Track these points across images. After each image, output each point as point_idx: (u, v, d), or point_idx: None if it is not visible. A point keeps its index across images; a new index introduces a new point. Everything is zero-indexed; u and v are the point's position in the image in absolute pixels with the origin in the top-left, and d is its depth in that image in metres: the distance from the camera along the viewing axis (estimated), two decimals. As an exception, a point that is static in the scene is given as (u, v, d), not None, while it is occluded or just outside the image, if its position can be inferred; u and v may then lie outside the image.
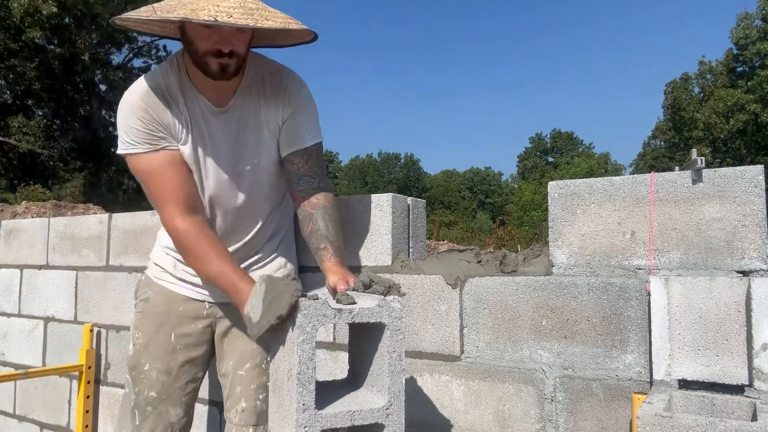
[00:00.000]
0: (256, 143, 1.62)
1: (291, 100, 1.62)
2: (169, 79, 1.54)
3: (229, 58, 1.43)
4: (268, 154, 1.65)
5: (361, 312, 1.17)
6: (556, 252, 1.72)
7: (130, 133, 1.51)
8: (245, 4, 1.34)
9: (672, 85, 31.40)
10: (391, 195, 1.98)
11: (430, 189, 61.75)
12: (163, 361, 1.68)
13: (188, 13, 1.29)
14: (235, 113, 1.58)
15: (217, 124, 1.57)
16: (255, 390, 1.65)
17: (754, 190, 1.47)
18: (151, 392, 1.67)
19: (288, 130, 1.63)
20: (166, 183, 1.53)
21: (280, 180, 1.73)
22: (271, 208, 1.74)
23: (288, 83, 1.63)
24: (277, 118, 1.62)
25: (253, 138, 1.61)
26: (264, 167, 1.65)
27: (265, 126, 1.62)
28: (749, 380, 1.40)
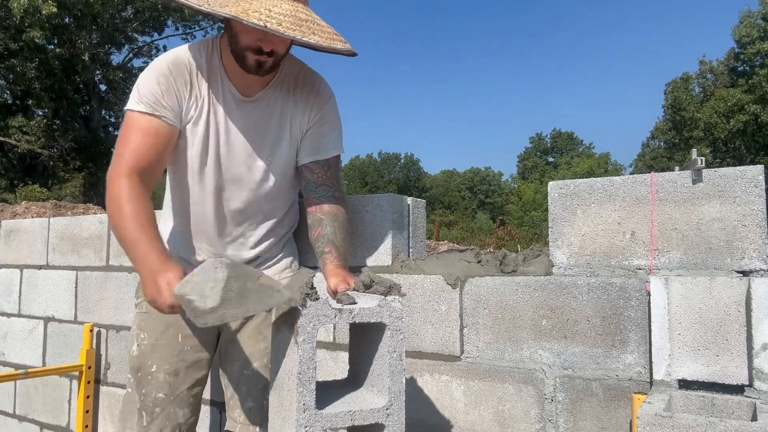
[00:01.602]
0: (274, 141, 1.61)
1: (320, 106, 1.63)
2: (201, 59, 1.54)
3: (268, 57, 1.44)
4: (284, 155, 1.63)
5: (361, 312, 1.17)
6: (556, 252, 1.72)
7: (141, 91, 1.49)
8: (296, 14, 1.34)
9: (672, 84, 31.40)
10: (391, 195, 1.98)
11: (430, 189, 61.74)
12: (171, 363, 1.66)
13: (239, 12, 1.29)
14: (261, 107, 1.58)
15: (239, 114, 1.57)
16: (262, 390, 1.65)
17: (754, 190, 1.48)
18: (159, 393, 1.65)
19: (312, 137, 1.63)
20: (138, 143, 1.46)
21: (292, 184, 1.72)
22: (277, 209, 1.73)
23: (320, 89, 1.64)
24: (302, 121, 1.62)
25: (273, 135, 1.61)
26: (276, 166, 1.64)
27: (289, 127, 1.62)
28: (749, 380, 1.40)
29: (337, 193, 1.65)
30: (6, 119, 16.95)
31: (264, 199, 1.67)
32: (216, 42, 1.57)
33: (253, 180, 1.63)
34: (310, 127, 1.63)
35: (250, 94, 1.57)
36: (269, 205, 1.70)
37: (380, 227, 1.98)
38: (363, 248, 2.02)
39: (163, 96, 1.49)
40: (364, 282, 1.29)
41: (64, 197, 14.24)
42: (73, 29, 16.54)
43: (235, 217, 1.66)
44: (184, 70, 1.51)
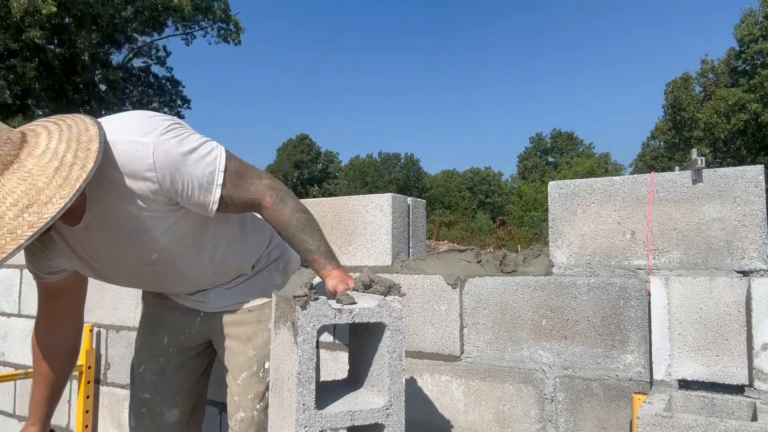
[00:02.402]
0: (146, 240, 1.39)
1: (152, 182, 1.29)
2: None
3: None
4: (172, 235, 1.41)
5: (361, 312, 1.17)
6: (556, 252, 1.72)
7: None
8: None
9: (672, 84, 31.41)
10: (391, 195, 1.98)
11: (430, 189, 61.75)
12: (157, 363, 1.68)
13: None
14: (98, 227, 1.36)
15: (91, 241, 1.39)
16: (252, 399, 1.64)
17: (754, 190, 1.47)
18: (144, 394, 1.67)
19: (184, 203, 1.35)
20: (38, 304, 1.57)
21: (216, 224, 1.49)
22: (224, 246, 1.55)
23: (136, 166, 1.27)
24: (155, 204, 1.33)
25: (139, 237, 1.38)
26: (175, 244, 1.43)
27: (148, 220, 1.35)
28: (749, 380, 1.40)
29: (264, 199, 1.40)
30: (6, 119, 16.95)
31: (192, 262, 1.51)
32: None
33: (162, 265, 1.48)
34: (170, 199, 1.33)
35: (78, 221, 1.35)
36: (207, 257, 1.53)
37: (380, 227, 1.98)
38: (363, 248, 2.02)
39: (35, 264, 1.46)
40: (363, 282, 1.29)
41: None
42: (73, 29, 16.55)
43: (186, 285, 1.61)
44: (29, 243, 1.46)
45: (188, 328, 1.70)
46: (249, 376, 1.65)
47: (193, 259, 1.50)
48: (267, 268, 1.72)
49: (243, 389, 1.64)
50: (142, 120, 1.29)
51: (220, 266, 1.56)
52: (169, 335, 1.70)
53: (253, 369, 1.66)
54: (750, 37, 26.49)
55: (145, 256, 1.43)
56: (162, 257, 1.45)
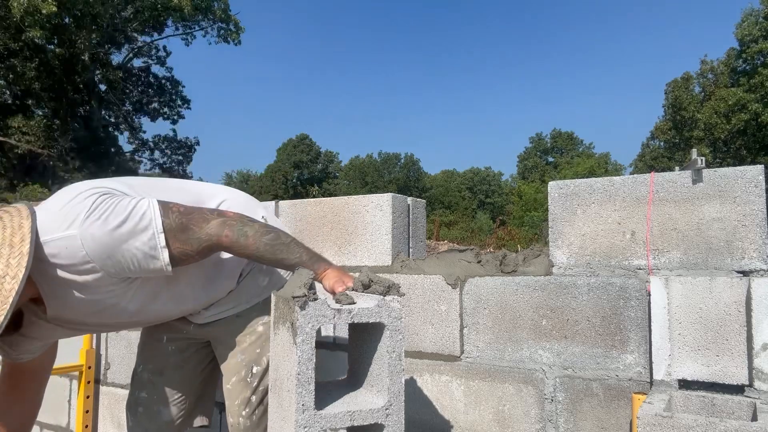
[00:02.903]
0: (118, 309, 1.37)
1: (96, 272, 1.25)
2: None
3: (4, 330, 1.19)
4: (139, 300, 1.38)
5: (360, 312, 1.16)
6: (556, 252, 1.72)
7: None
8: None
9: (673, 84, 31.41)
10: (391, 195, 1.98)
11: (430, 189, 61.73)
12: (155, 363, 1.69)
13: None
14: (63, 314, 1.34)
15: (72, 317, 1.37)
16: (238, 406, 1.63)
17: (754, 190, 1.47)
18: (141, 393, 1.67)
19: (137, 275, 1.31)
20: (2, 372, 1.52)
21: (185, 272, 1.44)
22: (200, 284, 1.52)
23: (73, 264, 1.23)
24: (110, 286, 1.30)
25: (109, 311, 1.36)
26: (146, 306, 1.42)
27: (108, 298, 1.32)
28: (749, 380, 1.40)
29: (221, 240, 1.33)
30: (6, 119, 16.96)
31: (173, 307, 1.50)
32: None
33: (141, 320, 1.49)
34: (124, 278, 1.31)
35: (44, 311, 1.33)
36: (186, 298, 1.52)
37: (380, 227, 1.98)
38: (363, 248, 2.02)
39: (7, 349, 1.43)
40: (362, 282, 1.29)
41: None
42: (73, 29, 16.55)
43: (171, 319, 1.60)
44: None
45: (185, 330, 1.70)
46: (237, 381, 1.65)
47: (176, 305, 1.49)
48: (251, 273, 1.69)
49: (232, 394, 1.64)
50: (63, 209, 1.23)
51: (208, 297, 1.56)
52: (168, 335, 1.70)
53: (241, 374, 1.65)
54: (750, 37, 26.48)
55: (123, 319, 1.43)
56: (142, 316, 1.45)
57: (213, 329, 1.68)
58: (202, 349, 1.75)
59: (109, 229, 1.21)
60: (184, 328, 1.68)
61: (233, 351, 1.66)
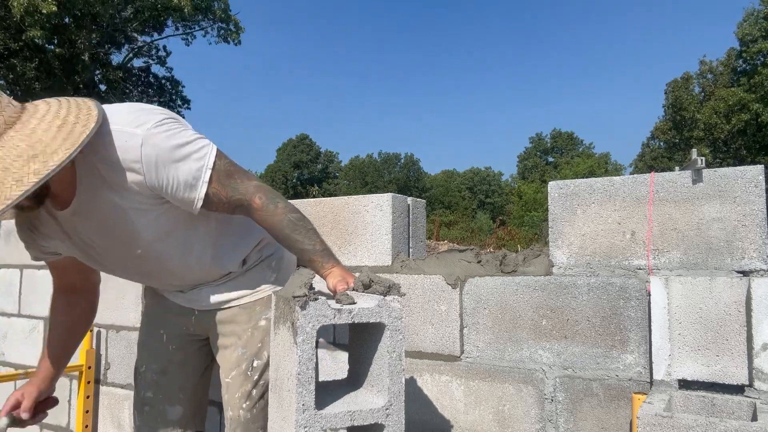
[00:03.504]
0: (131, 231, 1.39)
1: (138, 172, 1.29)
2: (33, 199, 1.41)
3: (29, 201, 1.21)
4: (156, 229, 1.41)
5: (360, 312, 1.16)
6: (556, 252, 1.72)
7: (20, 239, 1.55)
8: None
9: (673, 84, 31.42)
10: (391, 195, 1.98)
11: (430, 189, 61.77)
12: (158, 362, 1.69)
13: None
14: (86, 213, 1.37)
15: (80, 226, 1.40)
16: (239, 398, 1.63)
17: (754, 190, 1.47)
18: (147, 392, 1.67)
19: (169, 197, 1.35)
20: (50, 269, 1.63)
21: (205, 221, 1.49)
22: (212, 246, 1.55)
23: (125, 156, 1.28)
24: (139, 196, 1.33)
25: (123, 227, 1.39)
26: (160, 239, 1.43)
27: (131, 211, 1.36)
28: (749, 380, 1.40)
29: (253, 200, 1.39)
30: (6, 119, 16.92)
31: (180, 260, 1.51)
32: None
33: (150, 260, 1.48)
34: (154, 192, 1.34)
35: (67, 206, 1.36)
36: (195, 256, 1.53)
37: (380, 227, 1.98)
38: (363, 248, 2.02)
39: (32, 246, 1.52)
40: (363, 282, 1.29)
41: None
42: (73, 29, 16.56)
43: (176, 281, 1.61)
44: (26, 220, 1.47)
45: (185, 326, 1.70)
46: (237, 374, 1.65)
47: (181, 258, 1.50)
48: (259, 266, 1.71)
49: (232, 388, 1.65)
50: (135, 111, 1.29)
51: (210, 266, 1.56)
52: (168, 334, 1.71)
53: (242, 367, 1.65)
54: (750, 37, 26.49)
55: (131, 249, 1.43)
56: (148, 254, 1.45)
57: (214, 321, 1.68)
58: (202, 348, 1.75)
59: (170, 146, 1.28)
60: (184, 324, 1.68)
61: (234, 344, 1.66)
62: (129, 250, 1.44)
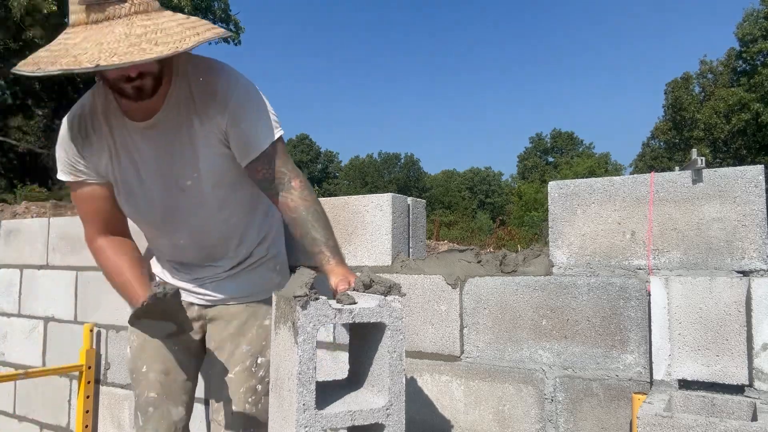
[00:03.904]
0: (192, 158, 1.50)
1: (225, 107, 1.45)
2: (96, 104, 1.50)
3: (141, 80, 1.33)
4: (210, 167, 1.51)
5: (361, 312, 1.17)
6: (556, 252, 1.72)
7: (59, 160, 1.55)
8: (132, 32, 1.21)
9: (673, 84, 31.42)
10: (391, 195, 1.98)
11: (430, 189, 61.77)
12: (160, 362, 1.69)
13: (70, 62, 1.17)
14: (163, 129, 1.47)
15: (147, 143, 1.49)
16: (244, 393, 1.65)
17: (754, 190, 1.47)
18: (151, 393, 1.67)
19: (236, 140, 1.49)
20: (86, 209, 1.60)
21: (241, 189, 1.61)
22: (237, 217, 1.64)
23: (218, 89, 1.45)
24: (214, 128, 1.47)
25: (188, 152, 1.49)
26: (208, 180, 1.53)
27: (202, 138, 1.48)
28: (749, 380, 1.40)
29: (294, 181, 1.52)
30: (6, 119, 16.95)
31: (213, 215, 1.59)
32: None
33: (189, 201, 1.55)
34: (228, 129, 1.48)
35: (149, 118, 1.47)
36: (223, 218, 1.61)
37: (380, 227, 1.98)
38: (363, 248, 2.02)
39: (75, 160, 1.52)
40: (363, 282, 1.29)
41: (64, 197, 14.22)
42: (73, 29, 16.52)
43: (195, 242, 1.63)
44: (81, 125, 1.50)
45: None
46: (242, 370, 1.66)
47: (213, 212, 1.58)
48: (264, 265, 1.74)
49: (235, 383, 1.65)
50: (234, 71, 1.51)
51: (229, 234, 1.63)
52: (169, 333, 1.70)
53: (246, 363, 1.66)
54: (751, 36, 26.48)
55: (180, 180, 1.51)
56: (190, 191, 1.53)
57: (217, 317, 1.69)
58: (201, 347, 1.76)
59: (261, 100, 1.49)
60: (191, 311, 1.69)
61: (238, 341, 1.67)
62: (177, 182, 1.52)
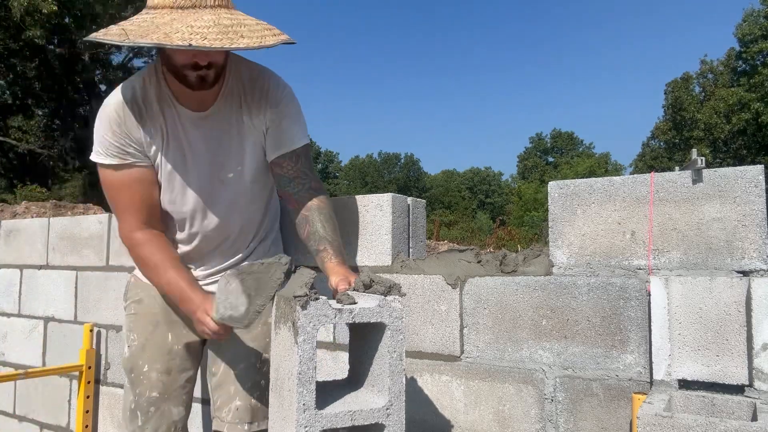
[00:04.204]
0: (238, 150, 1.60)
1: (273, 104, 1.59)
2: (148, 89, 1.53)
3: (207, 70, 1.41)
4: (252, 161, 1.63)
5: (361, 312, 1.17)
6: (556, 252, 1.72)
7: (102, 142, 1.54)
8: (220, 21, 1.31)
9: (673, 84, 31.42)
10: (391, 195, 1.98)
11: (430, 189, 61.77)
12: (162, 362, 1.68)
13: (161, 37, 1.26)
14: (216, 120, 1.56)
15: (197, 133, 1.56)
16: (250, 389, 1.66)
17: (754, 190, 1.47)
18: (152, 393, 1.66)
19: (274, 134, 1.61)
20: (129, 197, 1.57)
21: (265, 185, 1.72)
22: (258, 213, 1.73)
23: (268, 87, 1.60)
24: (260, 124, 1.60)
25: (235, 145, 1.60)
26: (249, 174, 1.64)
27: (249, 133, 1.60)
28: (749, 380, 1.40)
29: (314, 183, 1.62)
30: (6, 119, 16.95)
31: (243, 208, 1.68)
32: (159, 68, 1.55)
33: (227, 193, 1.63)
34: (269, 127, 1.61)
35: (203, 110, 1.55)
36: (249, 212, 1.70)
37: (380, 227, 1.98)
38: (363, 248, 2.02)
39: (124, 142, 1.52)
40: (363, 282, 1.29)
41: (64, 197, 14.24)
42: (73, 29, 16.54)
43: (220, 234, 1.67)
44: (133, 108, 1.52)
45: (189, 322, 1.69)
46: (247, 366, 1.67)
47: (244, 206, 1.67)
48: None
49: (241, 379, 1.66)
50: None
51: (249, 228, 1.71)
52: (172, 332, 1.70)
53: (251, 360, 1.67)
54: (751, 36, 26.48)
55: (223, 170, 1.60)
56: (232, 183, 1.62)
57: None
58: (201, 347, 1.76)
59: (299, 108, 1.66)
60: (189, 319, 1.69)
61: (244, 338, 1.68)
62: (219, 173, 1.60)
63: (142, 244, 1.58)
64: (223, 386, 1.68)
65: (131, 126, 1.51)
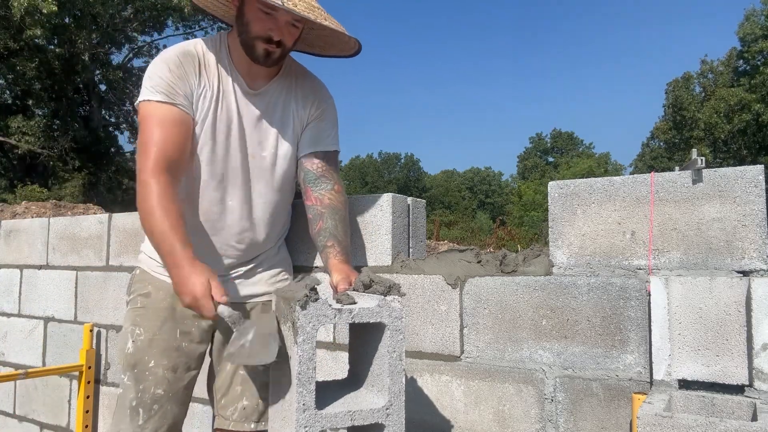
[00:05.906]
0: (278, 133, 1.67)
1: (321, 102, 1.71)
2: (209, 52, 1.61)
3: (276, 47, 1.51)
4: (287, 148, 1.69)
5: (361, 312, 1.17)
6: (556, 252, 1.72)
7: (154, 79, 1.52)
8: (311, 1, 1.47)
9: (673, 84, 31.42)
10: (391, 195, 1.98)
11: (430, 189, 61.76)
12: (169, 358, 1.63)
13: None
14: (266, 99, 1.65)
15: (246, 105, 1.63)
16: (257, 390, 1.65)
17: (754, 190, 1.47)
18: (158, 390, 1.60)
19: (312, 130, 1.70)
20: (163, 136, 1.47)
21: (291, 180, 1.75)
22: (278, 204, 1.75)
23: (318, 87, 1.74)
24: (303, 117, 1.69)
25: (277, 127, 1.67)
26: (281, 158, 1.68)
27: (291, 120, 1.68)
28: (749, 380, 1.40)
29: (337, 186, 1.68)
30: (6, 119, 16.94)
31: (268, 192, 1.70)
32: (223, 37, 1.64)
33: (258, 169, 1.67)
34: (311, 121, 1.69)
35: (255, 87, 1.63)
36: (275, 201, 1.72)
37: (380, 227, 1.98)
38: (363, 248, 2.02)
39: (177, 84, 1.53)
40: (363, 282, 1.29)
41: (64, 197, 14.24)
42: (73, 29, 16.54)
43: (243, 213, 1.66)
44: (193, 60, 1.57)
45: (197, 319, 1.67)
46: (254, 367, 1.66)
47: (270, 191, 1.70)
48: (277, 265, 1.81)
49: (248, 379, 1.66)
50: None
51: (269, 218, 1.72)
52: (181, 328, 1.66)
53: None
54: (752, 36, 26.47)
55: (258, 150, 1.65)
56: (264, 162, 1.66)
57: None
58: (206, 350, 1.75)
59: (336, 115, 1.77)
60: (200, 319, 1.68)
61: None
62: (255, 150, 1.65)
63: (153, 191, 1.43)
64: (229, 386, 1.68)
65: (189, 72, 1.55)
